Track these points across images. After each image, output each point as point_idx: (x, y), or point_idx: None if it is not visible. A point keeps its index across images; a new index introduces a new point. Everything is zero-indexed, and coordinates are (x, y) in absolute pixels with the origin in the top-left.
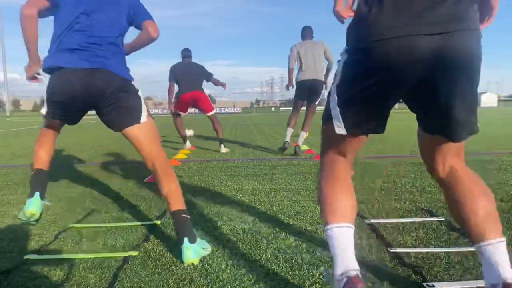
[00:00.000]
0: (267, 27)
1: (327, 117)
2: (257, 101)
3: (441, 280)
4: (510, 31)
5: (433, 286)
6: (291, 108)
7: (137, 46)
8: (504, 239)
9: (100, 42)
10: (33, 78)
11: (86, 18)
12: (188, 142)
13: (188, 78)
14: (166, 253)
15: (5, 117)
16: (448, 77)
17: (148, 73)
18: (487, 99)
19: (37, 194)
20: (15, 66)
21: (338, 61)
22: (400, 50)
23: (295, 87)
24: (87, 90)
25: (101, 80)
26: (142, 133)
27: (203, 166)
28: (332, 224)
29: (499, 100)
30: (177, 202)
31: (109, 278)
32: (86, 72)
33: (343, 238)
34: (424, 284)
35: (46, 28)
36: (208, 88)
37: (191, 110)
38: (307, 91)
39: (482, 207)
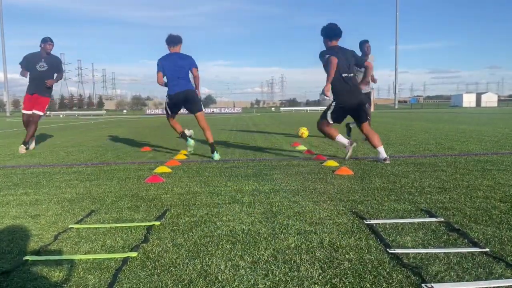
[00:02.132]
0: (267, 27)
1: (325, 115)
2: (257, 101)
3: (440, 281)
4: (510, 32)
5: (432, 287)
6: (291, 108)
7: (196, 82)
8: (381, 146)
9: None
10: None
11: (175, 75)
12: None
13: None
14: (165, 254)
15: (5, 117)
16: (360, 108)
17: (149, 73)
18: (487, 99)
19: (189, 139)
20: (15, 66)
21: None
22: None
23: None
24: (182, 98)
25: (187, 94)
26: (201, 116)
27: (203, 167)
28: (337, 136)
29: (499, 100)
30: (209, 138)
31: (108, 279)
32: (180, 93)
33: (340, 136)
34: (423, 285)
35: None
36: (208, 88)
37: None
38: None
39: (376, 139)
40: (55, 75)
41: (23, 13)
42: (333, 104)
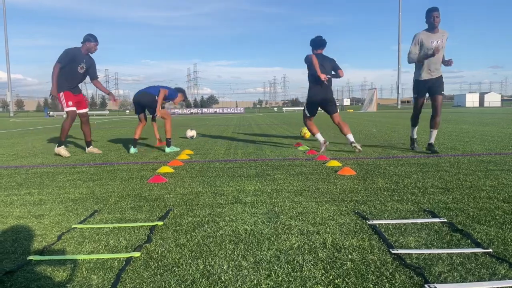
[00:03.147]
0: (269, 27)
1: (304, 111)
2: (260, 101)
3: (443, 281)
4: None
5: (435, 287)
6: (294, 108)
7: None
8: (350, 134)
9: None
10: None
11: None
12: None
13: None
14: (168, 254)
15: (9, 118)
16: (326, 103)
17: (151, 73)
18: (491, 99)
19: (134, 147)
20: (18, 66)
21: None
22: (315, 99)
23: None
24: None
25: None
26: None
27: (206, 167)
28: (317, 133)
29: (502, 100)
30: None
31: (112, 279)
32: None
33: (319, 135)
34: (426, 285)
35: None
36: (210, 88)
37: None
38: (426, 89)
39: (346, 128)
40: (98, 81)
41: (25, 13)
42: (306, 99)
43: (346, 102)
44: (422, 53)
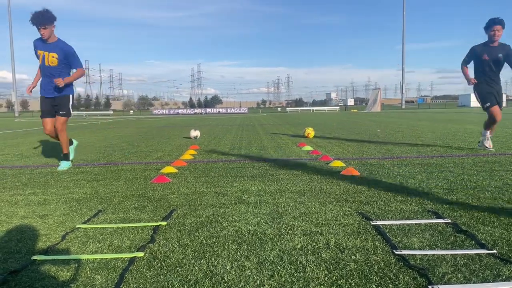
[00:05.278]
0: (273, 27)
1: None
2: (263, 101)
3: (447, 282)
4: None
5: None
6: (298, 108)
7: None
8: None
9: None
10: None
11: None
12: None
13: None
14: (171, 254)
15: (14, 118)
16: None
17: (155, 73)
18: None
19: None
20: (23, 66)
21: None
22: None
23: None
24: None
25: None
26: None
27: (209, 167)
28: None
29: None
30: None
31: (115, 278)
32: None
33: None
34: (429, 286)
35: None
36: (214, 88)
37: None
38: None
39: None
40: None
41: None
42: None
43: (350, 102)
44: None
